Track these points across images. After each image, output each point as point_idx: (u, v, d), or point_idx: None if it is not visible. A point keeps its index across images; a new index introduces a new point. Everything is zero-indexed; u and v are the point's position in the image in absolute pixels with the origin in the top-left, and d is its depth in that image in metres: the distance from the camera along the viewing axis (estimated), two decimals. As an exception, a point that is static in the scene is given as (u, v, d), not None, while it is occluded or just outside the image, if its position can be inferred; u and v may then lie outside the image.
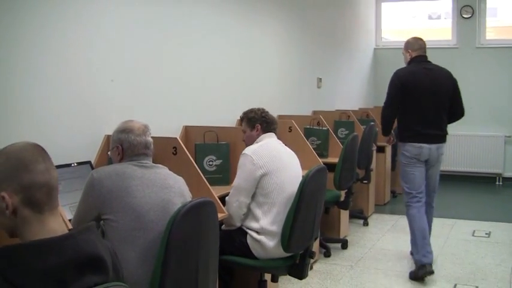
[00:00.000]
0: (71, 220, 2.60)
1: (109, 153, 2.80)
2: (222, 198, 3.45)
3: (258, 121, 3.64)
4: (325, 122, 5.87)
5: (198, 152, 4.13)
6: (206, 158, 4.13)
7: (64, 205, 2.85)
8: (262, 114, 3.66)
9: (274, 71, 6.26)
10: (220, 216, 2.98)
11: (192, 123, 4.40)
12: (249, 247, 3.33)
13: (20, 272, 1.38)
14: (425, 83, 4.74)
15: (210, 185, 3.38)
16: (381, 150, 7.04)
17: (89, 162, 3.35)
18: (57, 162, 1.87)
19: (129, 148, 2.65)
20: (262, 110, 3.71)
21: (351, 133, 6.22)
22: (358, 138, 5.53)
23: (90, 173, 2.55)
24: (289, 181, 3.41)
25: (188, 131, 4.37)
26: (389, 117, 4.89)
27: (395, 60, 5.67)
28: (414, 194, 4.78)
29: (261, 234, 3.32)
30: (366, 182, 6.29)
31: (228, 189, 3.58)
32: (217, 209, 2.62)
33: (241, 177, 3.38)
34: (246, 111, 3.75)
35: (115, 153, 2.68)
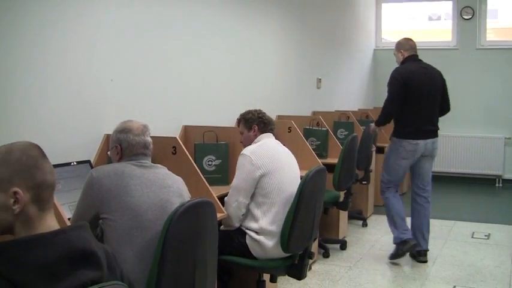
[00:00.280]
0: (70, 219, 2.60)
1: (108, 153, 2.81)
2: (221, 198, 3.45)
3: (255, 122, 3.65)
4: (324, 123, 5.88)
5: (198, 152, 4.14)
6: (205, 158, 4.14)
7: (63, 204, 2.85)
8: (259, 115, 3.67)
9: (274, 71, 6.25)
10: (219, 216, 2.98)
11: (191, 123, 4.40)
12: (248, 247, 3.33)
13: (13, 267, 1.39)
14: (424, 81, 4.97)
15: (209, 185, 3.39)
16: (380, 151, 7.03)
17: (88, 162, 3.36)
18: (56, 161, 1.88)
19: (127, 148, 2.65)
20: (259, 111, 3.72)
21: (351, 134, 6.23)
22: (358, 139, 5.53)
23: (90, 172, 2.56)
24: (288, 181, 3.41)
25: (187, 131, 4.38)
26: (392, 113, 5.02)
27: (395, 61, 5.67)
28: (392, 185, 5.16)
29: (260, 234, 3.32)
30: (365, 182, 6.31)
31: (227, 189, 3.58)
32: (216, 209, 2.62)
33: (240, 177, 3.38)
34: (243, 113, 3.75)
35: (114, 152, 2.69)
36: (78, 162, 3.27)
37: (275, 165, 3.39)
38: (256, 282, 3.61)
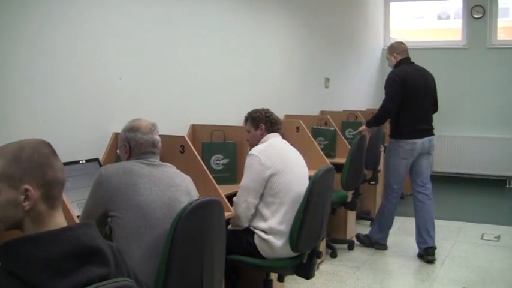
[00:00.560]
0: (79, 216, 2.60)
1: (117, 151, 2.81)
2: (229, 197, 3.44)
3: (262, 121, 3.63)
4: (332, 122, 5.87)
5: (205, 151, 4.13)
6: (213, 157, 4.13)
7: (72, 202, 2.85)
8: (267, 114, 3.66)
9: (282, 70, 6.24)
10: (227, 215, 2.97)
11: (199, 122, 4.40)
12: (257, 247, 3.32)
13: (21, 264, 1.40)
14: (420, 83, 5.16)
15: (217, 183, 3.38)
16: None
17: (96, 160, 3.36)
18: (65, 159, 1.88)
19: (136, 146, 2.65)
20: (267, 110, 3.71)
21: (359, 134, 6.21)
22: (366, 139, 5.51)
23: (99, 170, 2.56)
24: (296, 181, 3.40)
25: (195, 130, 4.37)
26: (390, 113, 5.14)
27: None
28: (395, 189, 5.31)
29: (268, 234, 3.31)
30: (373, 183, 6.29)
31: (235, 188, 3.57)
32: (224, 208, 2.62)
33: (249, 177, 3.36)
34: (250, 111, 3.75)
35: (123, 151, 2.70)
36: (87, 161, 3.27)
37: (283, 165, 3.38)
38: (263, 281, 3.60)
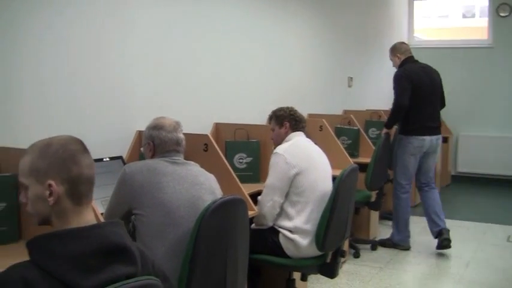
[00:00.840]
0: (103, 214, 2.61)
1: (141, 149, 2.82)
2: (252, 196, 3.43)
3: (286, 119, 3.62)
4: (356, 122, 5.84)
5: (229, 149, 4.13)
6: (236, 156, 4.12)
7: (96, 199, 2.85)
8: (291, 112, 3.64)
9: (306, 69, 6.23)
10: (250, 214, 2.96)
11: (222, 121, 4.39)
12: (282, 246, 3.31)
13: (49, 259, 1.42)
14: (426, 80, 5.27)
15: (240, 182, 3.37)
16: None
17: (120, 158, 3.37)
18: (89, 156, 1.91)
19: (160, 145, 2.65)
20: (291, 108, 3.69)
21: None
22: (390, 138, 5.47)
23: (123, 168, 2.57)
24: (321, 179, 3.39)
25: (219, 128, 4.37)
26: (404, 105, 5.16)
27: (427, 60, 5.62)
28: (403, 185, 5.36)
29: (294, 233, 3.30)
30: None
31: (258, 187, 3.56)
32: (247, 207, 2.61)
33: (274, 176, 3.35)
34: (274, 110, 3.73)
35: (147, 149, 2.70)
36: (111, 158, 3.29)
37: (308, 164, 3.37)
38: (286, 280, 3.59)
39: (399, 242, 5.41)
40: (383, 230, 6.01)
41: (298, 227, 3.29)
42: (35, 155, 1.57)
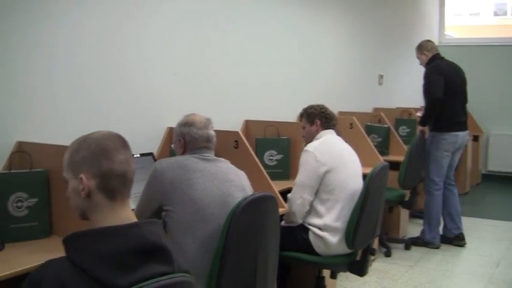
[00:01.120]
0: (133, 210, 2.63)
1: (172, 146, 2.83)
2: (282, 193, 3.43)
3: (317, 116, 3.60)
4: (386, 120, 5.81)
5: (259, 147, 4.13)
6: (266, 153, 4.13)
7: (127, 195, 2.89)
8: (322, 110, 3.63)
9: (336, 67, 6.21)
10: (280, 211, 2.96)
11: (252, 118, 4.40)
12: (311, 243, 3.31)
13: (85, 256, 1.43)
14: (455, 76, 5.34)
15: (270, 179, 3.37)
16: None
17: (151, 154, 3.40)
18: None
19: (191, 141, 2.66)
20: (322, 106, 3.67)
21: (412, 131, 6.13)
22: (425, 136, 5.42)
23: (154, 164, 2.58)
24: (351, 177, 3.38)
25: (249, 125, 4.38)
26: (440, 100, 5.13)
27: (459, 58, 5.58)
28: (437, 182, 5.35)
29: (324, 230, 3.29)
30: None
31: (288, 184, 3.56)
32: (278, 204, 2.61)
33: (304, 174, 3.34)
34: (305, 107, 3.72)
35: (178, 146, 2.71)
36: (142, 155, 3.31)
37: (338, 162, 3.36)
38: (315, 278, 3.59)
39: (430, 240, 5.38)
40: (413, 228, 5.95)
41: (328, 225, 3.28)
42: (71, 150, 1.62)
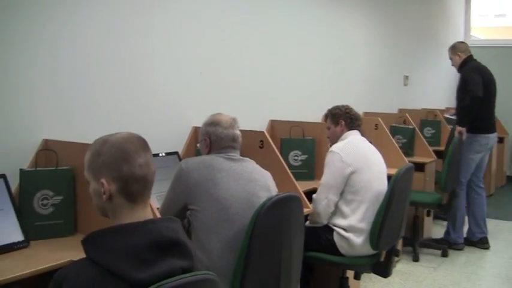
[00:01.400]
0: (158, 209, 2.65)
1: (198, 145, 2.84)
2: (307, 194, 3.43)
3: (341, 117, 3.60)
4: (411, 121, 5.77)
5: (284, 147, 4.14)
6: (291, 153, 4.13)
7: (152, 194, 2.91)
8: (346, 111, 3.62)
9: (361, 68, 6.19)
10: (305, 211, 2.96)
11: (278, 118, 4.41)
12: (336, 244, 3.31)
13: (104, 253, 1.44)
14: (491, 78, 5.34)
15: (295, 179, 3.38)
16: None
17: (176, 153, 3.42)
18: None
19: (216, 141, 2.66)
20: (347, 106, 3.67)
21: (438, 132, 6.09)
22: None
23: (179, 163, 2.59)
24: (375, 178, 3.37)
25: (274, 125, 4.39)
26: (481, 99, 5.08)
27: (484, 59, 5.52)
28: (463, 183, 5.36)
29: (348, 231, 3.29)
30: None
31: (313, 184, 3.56)
32: (302, 204, 2.61)
33: (329, 174, 3.34)
34: (330, 108, 3.72)
35: (203, 145, 2.72)
36: (167, 154, 3.34)
37: (363, 163, 3.35)
38: (339, 279, 3.58)
39: (455, 240, 5.36)
40: (437, 230, 5.91)
41: (353, 226, 3.28)
42: (92, 152, 1.62)
